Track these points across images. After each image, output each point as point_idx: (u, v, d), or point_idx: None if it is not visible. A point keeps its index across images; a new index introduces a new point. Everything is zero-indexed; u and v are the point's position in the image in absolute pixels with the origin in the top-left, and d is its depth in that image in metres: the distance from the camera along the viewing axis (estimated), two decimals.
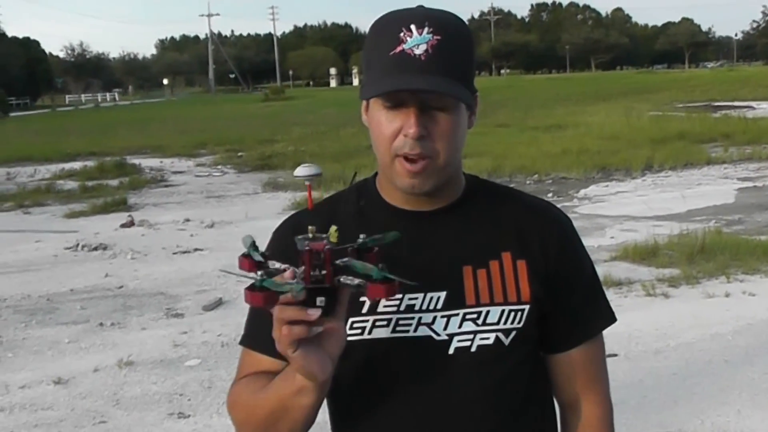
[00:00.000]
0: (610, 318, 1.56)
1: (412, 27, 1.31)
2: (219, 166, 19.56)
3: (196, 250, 9.84)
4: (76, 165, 19.82)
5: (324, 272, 1.16)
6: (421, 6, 1.37)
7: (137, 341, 6.48)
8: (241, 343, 1.52)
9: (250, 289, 1.16)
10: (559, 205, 1.61)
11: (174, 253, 9.72)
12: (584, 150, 17.58)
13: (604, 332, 1.57)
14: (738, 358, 5.55)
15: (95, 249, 10.08)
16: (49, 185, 16.54)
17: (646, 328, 6.15)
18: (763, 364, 5.39)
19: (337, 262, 1.19)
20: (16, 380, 5.72)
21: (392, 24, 1.34)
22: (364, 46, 1.40)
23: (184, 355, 6.08)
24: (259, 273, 1.17)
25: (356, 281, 1.18)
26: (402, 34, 1.32)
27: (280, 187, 15.38)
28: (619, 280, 7.43)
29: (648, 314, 6.54)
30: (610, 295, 6.92)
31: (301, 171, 1.14)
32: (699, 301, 6.88)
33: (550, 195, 12.77)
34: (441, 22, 1.33)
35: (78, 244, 10.26)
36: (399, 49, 1.31)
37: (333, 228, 1.18)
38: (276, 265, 1.21)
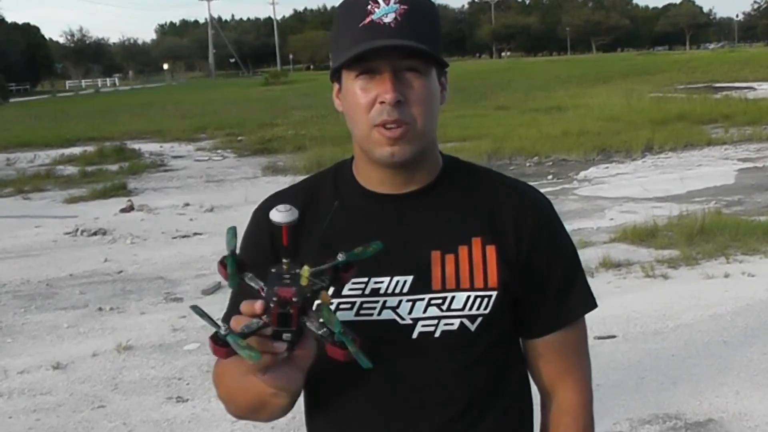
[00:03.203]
0: (590, 304, 1.52)
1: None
2: (219, 151, 19.51)
3: (195, 234, 9.84)
4: (76, 150, 19.78)
5: (292, 311, 1.16)
6: None
7: (136, 326, 6.48)
8: (223, 320, 1.51)
9: (213, 340, 1.16)
10: (558, 187, 1.59)
11: (173, 238, 9.72)
12: (584, 132, 17.53)
13: (603, 314, 1.55)
14: (737, 339, 5.54)
15: (94, 234, 10.09)
16: (48, 171, 16.52)
17: (645, 310, 6.14)
18: (762, 344, 5.39)
19: (313, 280, 1.18)
20: (15, 365, 5.73)
21: (359, 0, 1.35)
22: (333, 25, 1.40)
23: (182, 340, 6.08)
24: (223, 326, 1.16)
25: (321, 330, 1.18)
26: (369, 7, 1.34)
27: (280, 171, 15.35)
28: (619, 261, 7.42)
29: (647, 295, 6.54)
30: (609, 276, 6.95)
31: (277, 216, 1.10)
32: (698, 282, 6.87)
33: (550, 177, 12.71)
34: None
35: (77, 230, 10.26)
36: (368, 20, 1.33)
37: (305, 269, 1.17)
38: (251, 280, 1.22)
